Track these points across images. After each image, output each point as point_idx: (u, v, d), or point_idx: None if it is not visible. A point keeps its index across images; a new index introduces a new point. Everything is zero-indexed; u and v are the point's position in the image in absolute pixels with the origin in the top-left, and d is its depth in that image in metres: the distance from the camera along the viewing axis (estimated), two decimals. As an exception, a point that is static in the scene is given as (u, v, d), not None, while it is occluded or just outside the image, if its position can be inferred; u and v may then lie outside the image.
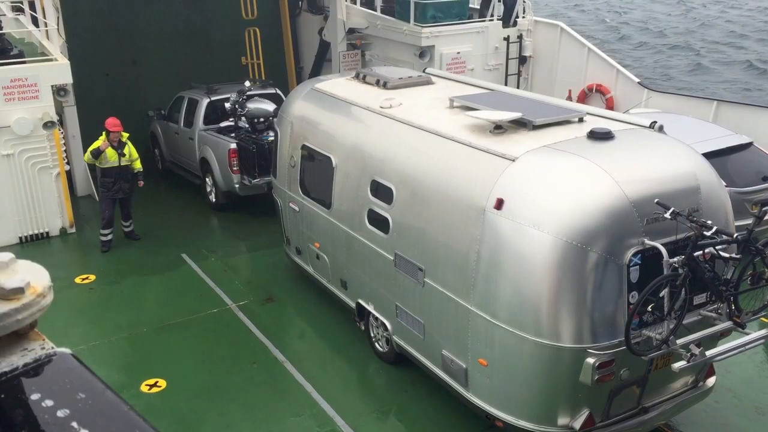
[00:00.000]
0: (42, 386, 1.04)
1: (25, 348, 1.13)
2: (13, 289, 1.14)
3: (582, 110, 8.35)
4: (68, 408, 0.99)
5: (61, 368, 1.09)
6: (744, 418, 8.23)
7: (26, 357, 1.11)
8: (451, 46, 16.31)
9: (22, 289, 1.15)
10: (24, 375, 1.07)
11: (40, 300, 1.16)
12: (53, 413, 0.99)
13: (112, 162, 12.41)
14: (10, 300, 1.14)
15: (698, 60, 36.77)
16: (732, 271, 6.76)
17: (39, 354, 1.11)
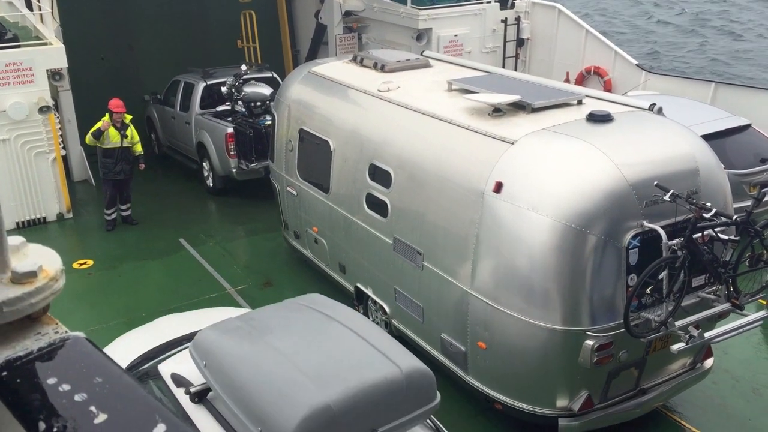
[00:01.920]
0: (58, 370, 1.04)
1: (39, 332, 1.13)
2: (26, 272, 1.14)
3: (581, 93, 8.33)
4: (86, 392, 0.99)
5: (76, 352, 1.08)
6: (741, 398, 8.29)
7: (40, 341, 1.10)
8: (449, 29, 16.24)
9: (35, 272, 1.14)
10: (39, 359, 1.07)
11: (52, 284, 1.15)
12: (71, 397, 0.99)
13: (114, 143, 12.42)
14: (23, 284, 1.13)
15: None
16: (731, 253, 6.79)
17: (53, 338, 1.11)
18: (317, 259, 10.46)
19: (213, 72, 15.43)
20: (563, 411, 6.93)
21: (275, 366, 5.06)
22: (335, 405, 4.67)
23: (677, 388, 7.63)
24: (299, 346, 5.32)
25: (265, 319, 5.79)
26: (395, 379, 4.98)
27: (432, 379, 5.28)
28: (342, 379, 4.90)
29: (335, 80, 10.01)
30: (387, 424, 4.87)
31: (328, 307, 5.92)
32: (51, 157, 12.87)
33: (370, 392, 4.85)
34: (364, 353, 5.24)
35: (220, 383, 5.15)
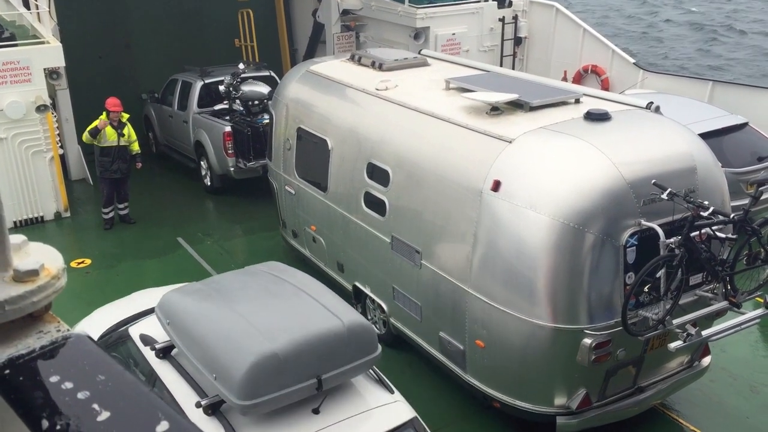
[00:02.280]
0: (60, 368, 1.04)
1: (41, 330, 1.13)
2: (28, 271, 1.14)
3: (578, 91, 8.34)
4: (88, 390, 0.99)
5: (79, 350, 1.09)
6: (739, 396, 8.31)
7: (42, 339, 1.11)
8: (446, 27, 16.24)
9: (37, 271, 1.14)
10: (41, 357, 1.07)
11: (54, 282, 1.16)
12: (73, 395, 0.99)
13: (111, 141, 12.42)
14: (24, 282, 1.13)
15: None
16: (728, 252, 6.80)
17: (55, 336, 1.11)
18: (315, 257, 10.46)
19: (211, 71, 15.41)
20: (561, 409, 6.94)
21: (230, 322, 5.54)
22: (281, 353, 5.18)
23: (675, 386, 7.64)
24: (254, 304, 5.85)
25: (224, 282, 6.37)
26: (338, 332, 5.49)
27: (373, 332, 5.85)
28: (289, 331, 5.40)
29: (333, 79, 10.01)
30: (330, 371, 5.38)
31: (283, 272, 6.47)
32: (48, 156, 12.85)
33: (314, 342, 5.37)
34: (312, 310, 5.75)
35: (181, 339, 5.67)
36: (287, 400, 5.29)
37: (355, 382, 5.82)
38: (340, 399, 5.59)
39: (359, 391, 5.74)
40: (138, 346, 6.20)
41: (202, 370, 5.41)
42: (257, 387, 5.09)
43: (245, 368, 5.07)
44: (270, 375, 5.14)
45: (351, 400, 5.62)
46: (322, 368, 5.36)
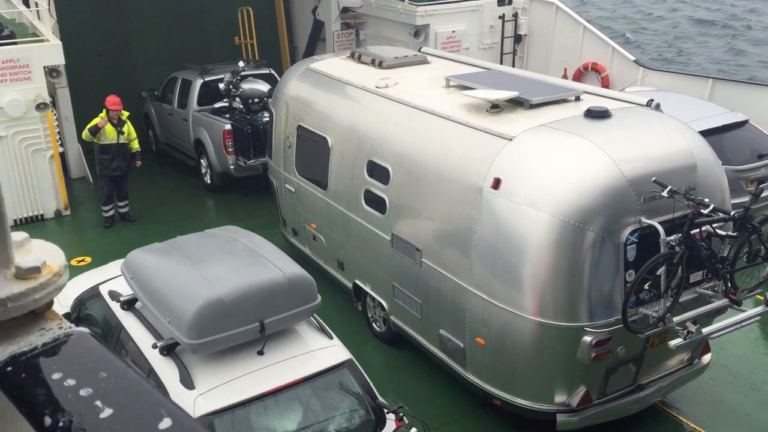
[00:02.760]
0: (62, 365, 1.04)
1: (43, 327, 1.13)
2: (30, 268, 1.14)
3: (579, 89, 8.34)
4: (91, 387, 0.99)
5: (81, 347, 1.09)
6: (739, 394, 8.31)
7: (44, 336, 1.10)
8: (446, 25, 16.22)
9: (39, 268, 1.14)
10: (43, 354, 1.07)
11: (56, 279, 1.16)
12: (76, 392, 0.99)
13: (111, 139, 12.42)
14: (26, 279, 1.13)
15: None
16: (728, 249, 6.80)
17: (57, 333, 1.11)
18: (315, 255, 10.46)
19: (210, 69, 15.39)
20: (561, 407, 6.95)
21: (184, 274, 6.26)
22: (226, 298, 5.85)
23: (675, 384, 7.65)
24: (207, 260, 6.53)
25: (184, 241, 7.09)
26: (279, 282, 6.15)
27: (312, 283, 6.42)
28: (234, 280, 6.08)
29: (333, 77, 10.01)
30: (272, 316, 6.01)
31: (238, 234, 7.22)
32: (48, 154, 12.85)
33: (256, 290, 6.03)
34: (258, 263, 6.44)
35: (142, 291, 6.38)
36: (233, 340, 5.91)
37: (298, 328, 6.45)
38: (284, 343, 6.23)
39: (301, 336, 6.39)
40: (106, 301, 6.95)
41: (159, 316, 6.10)
42: (204, 328, 5.74)
43: (193, 311, 5.73)
44: (216, 317, 5.78)
45: (293, 344, 6.26)
46: (265, 313, 5.98)
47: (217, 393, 5.71)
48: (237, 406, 5.67)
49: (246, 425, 5.73)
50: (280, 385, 5.86)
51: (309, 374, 6.03)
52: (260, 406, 5.79)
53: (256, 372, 5.90)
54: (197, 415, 5.57)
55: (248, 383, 5.81)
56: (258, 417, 5.79)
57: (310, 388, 6.05)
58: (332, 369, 6.16)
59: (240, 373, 5.87)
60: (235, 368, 5.90)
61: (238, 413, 5.68)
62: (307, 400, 6.04)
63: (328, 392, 6.17)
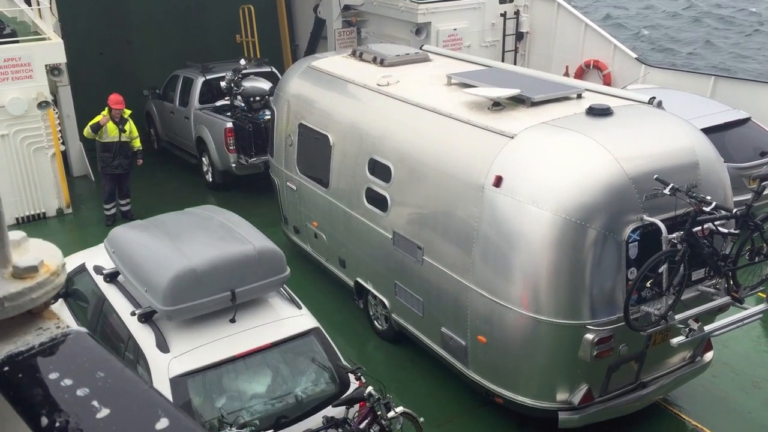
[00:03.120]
0: (60, 365, 1.03)
1: (40, 327, 1.12)
2: (27, 267, 1.13)
3: (580, 86, 8.32)
4: (88, 387, 0.99)
5: (78, 347, 1.08)
6: (741, 392, 8.30)
7: (42, 336, 1.10)
8: (448, 23, 16.20)
9: (36, 267, 1.14)
10: (40, 354, 1.07)
11: (54, 279, 1.15)
12: (73, 392, 0.98)
13: (113, 137, 12.41)
14: (24, 279, 1.13)
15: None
16: (730, 247, 6.78)
17: (54, 333, 1.10)
18: (317, 253, 10.46)
19: (212, 67, 15.38)
20: (563, 404, 6.94)
21: (161, 247, 6.70)
22: (199, 268, 6.30)
23: (677, 382, 7.63)
24: (183, 234, 6.95)
25: (163, 219, 7.57)
26: (249, 254, 6.58)
27: (281, 256, 6.84)
28: (207, 252, 6.53)
29: (334, 75, 10.00)
30: (243, 286, 6.44)
31: (214, 211, 7.75)
32: (50, 152, 12.85)
33: (227, 261, 6.46)
34: (230, 237, 6.88)
35: (123, 263, 6.84)
36: (205, 308, 6.36)
37: (269, 298, 6.89)
38: (255, 312, 6.66)
39: (272, 306, 6.82)
40: (91, 275, 7.40)
41: (137, 286, 6.56)
42: (178, 296, 6.19)
43: (167, 280, 6.19)
44: (189, 286, 6.23)
45: (264, 313, 6.69)
46: (236, 283, 6.41)
47: (189, 356, 6.12)
48: (208, 368, 6.10)
49: (217, 386, 6.12)
50: (250, 349, 6.26)
51: (277, 340, 6.44)
52: (231, 368, 6.20)
53: (228, 338, 6.32)
54: (171, 375, 5.99)
55: (219, 347, 6.22)
56: (229, 379, 6.19)
57: (278, 353, 6.47)
58: (300, 336, 6.57)
59: (212, 338, 6.30)
60: (208, 334, 6.33)
61: (209, 375, 6.09)
62: (275, 364, 6.43)
63: (295, 357, 6.57)
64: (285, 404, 6.25)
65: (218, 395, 6.08)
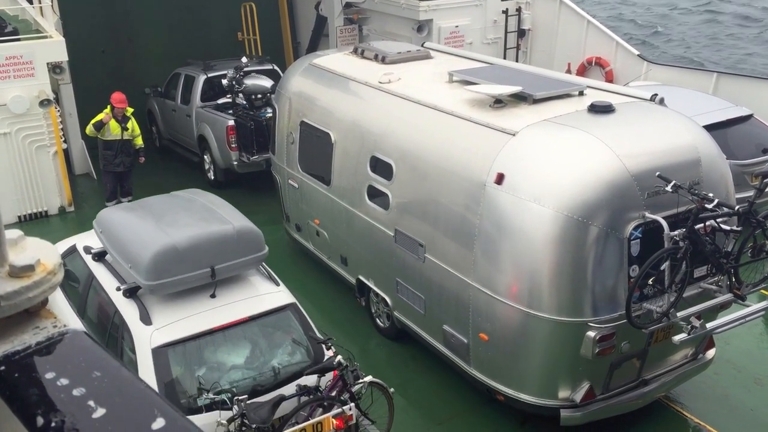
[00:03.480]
0: (56, 365, 1.03)
1: (37, 326, 1.12)
2: (24, 266, 1.13)
3: (582, 83, 8.30)
4: (84, 387, 0.98)
5: (75, 346, 1.07)
6: (743, 389, 8.29)
7: (38, 335, 1.09)
8: (450, 20, 16.17)
9: (33, 266, 1.13)
10: (37, 353, 1.06)
11: (50, 277, 1.15)
12: (69, 392, 0.98)
13: (115, 135, 12.48)
14: (20, 278, 1.12)
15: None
16: (733, 244, 6.77)
17: (51, 332, 1.10)
18: (319, 251, 10.46)
19: (213, 64, 15.37)
20: (565, 402, 6.93)
21: (145, 226, 7.11)
22: (179, 245, 6.69)
23: (679, 379, 7.63)
24: (167, 215, 7.33)
25: (149, 201, 8.01)
26: (228, 233, 6.98)
27: (259, 235, 7.23)
28: (188, 231, 6.91)
29: (336, 72, 9.99)
30: (222, 263, 6.81)
31: (198, 194, 8.15)
32: (52, 150, 12.85)
33: (207, 239, 6.85)
34: (211, 217, 7.28)
35: (110, 242, 7.24)
36: (186, 283, 6.72)
37: (249, 276, 7.25)
38: (234, 288, 7.02)
39: (251, 283, 7.19)
40: (81, 255, 7.79)
41: (122, 263, 6.94)
42: (160, 271, 6.57)
43: (149, 256, 6.57)
44: (170, 262, 6.61)
45: (243, 289, 7.05)
46: (215, 260, 6.79)
47: (171, 328, 6.48)
48: (188, 339, 6.44)
49: (197, 357, 6.46)
50: (228, 322, 6.62)
51: (255, 314, 6.79)
52: (210, 340, 6.54)
53: (208, 311, 6.68)
54: (153, 346, 6.33)
55: (199, 320, 6.58)
56: (208, 350, 6.53)
57: (256, 327, 6.83)
58: (277, 311, 6.95)
59: (193, 312, 6.65)
60: (189, 308, 6.69)
61: (189, 346, 6.44)
62: (253, 337, 6.79)
63: (272, 330, 6.95)
64: (262, 374, 6.57)
65: (198, 365, 6.40)
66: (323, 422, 6.28)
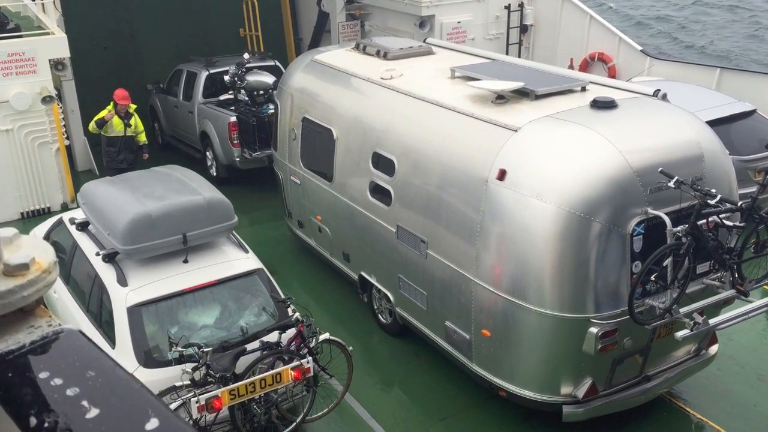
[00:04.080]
0: (50, 364, 1.02)
1: (32, 325, 1.11)
2: (18, 265, 1.12)
3: (585, 79, 8.28)
4: (78, 386, 0.97)
5: (69, 345, 1.07)
6: (746, 385, 8.27)
7: (33, 334, 1.09)
8: (452, 16, 16.14)
9: (27, 265, 1.12)
10: (31, 353, 1.05)
11: (45, 276, 1.14)
12: (62, 392, 0.97)
13: (118, 131, 12.52)
14: (15, 276, 1.11)
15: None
16: (735, 240, 6.75)
17: (46, 331, 1.09)
18: (321, 247, 10.45)
19: (215, 61, 15.35)
20: (567, 398, 6.93)
21: (123, 196, 7.73)
22: (153, 213, 7.29)
23: (682, 375, 7.62)
24: (144, 187, 7.95)
25: (130, 175, 8.78)
26: (199, 203, 7.59)
27: (229, 206, 7.85)
28: (162, 201, 7.51)
29: (338, 68, 9.97)
30: (193, 230, 7.39)
31: (175, 169, 8.76)
32: (54, 147, 12.85)
33: (179, 208, 7.45)
34: (184, 189, 7.91)
35: (91, 212, 7.88)
36: (159, 249, 7.28)
37: (220, 244, 7.82)
38: (206, 254, 7.59)
39: (222, 250, 7.77)
40: (66, 226, 8.41)
41: (101, 230, 7.55)
42: (135, 237, 7.15)
43: (125, 223, 7.18)
44: (144, 228, 7.19)
45: (214, 255, 7.62)
46: (187, 227, 7.36)
47: (145, 289, 7.04)
48: (161, 299, 7.00)
49: (169, 316, 7.01)
50: (199, 284, 7.17)
51: (224, 277, 7.34)
52: (181, 301, 7.10)
53: (180, 275, 7.24)
54: (128, 305, 6.89)
55: (172, 283, 7.14)
56: (180, 311, 7.09)
57: (225, 289, 7.36)
58: (245, 275, 7.50)
59: (166, 275, 7.22)
60: (163, 272, 7.25)
61: (161, 305, 7.00)
62: (222, 299, 7.33)
63: (240, 293, 7.47)
64: (230, 333, 7.08)
65: (170, 324, 6.94)
66: (282, 373, 6.75)
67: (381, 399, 8.23)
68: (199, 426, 6.54)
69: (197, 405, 6.31)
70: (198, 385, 6.47)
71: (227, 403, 6.50)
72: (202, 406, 6.33)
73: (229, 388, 6.47)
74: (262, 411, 6.94)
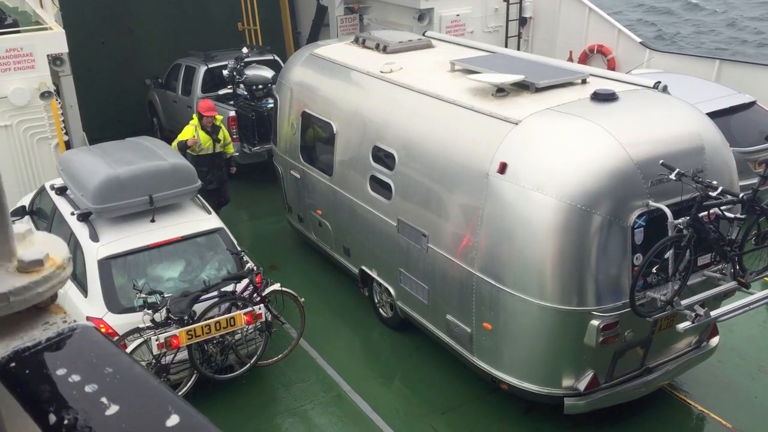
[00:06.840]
0: (67, 361, 1.02)
1: (47, 322, 1.11)
2: (32, 261, 1.11)
3: (585, 71, 8.26)
4: (96, 383, 0.97)
5: (85, 341, 1.06)
6: (747, 376, 8.29)
7: (48, 331, 1.08)
8: (451, 9, 16.09)
9: (41, 261, 1.12)
10: (47, 349, 1.05)
11: (60, 272, 1.13)
12: (81, 388, 0.97)
13: (207, 149, 11.05)
14: (29, 272, 1.11)
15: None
16: (736, 232, 6.76)
17: (61, 327, 1.09)
18: (321, 242, 10.45)
19: (214, 55, 15.32)
20: (569, 390, 6.94)
21: (96, 162, 8.47)
22: (122, 176, 8.09)
23: (683, 367, 7.63)
24: (115, 154, 8.74)
25: (104, 145, 9.36)
26: (164, 168, 8.39)
27: (192, 171, 8.63)
28: (130, 165, 8.33)
29: (337, 62, 9.95)
30: (159, 192, 8.14)
31: (147, 140, 9.57)
32: (53, 142, 12.79)
33: (145, 172, 8.23)
34: (151, 155, 8.73)
35: (68, 177, 8.69)
36: (128, 209, 8.05)
37: (185, 206, 8.56)
38: (172, 215, 8.33)
39: (186, 211, 8.52)
40: (48, 192, 9.28)
41: (75, 192, 8.35)
42: (105, 197, 7.92)
43: (95, 184, 7.96)
44: (113, 189, 7.96)
45: (179, 216, 8.36)
46: (153, 190, 8.10)
47: (114, 244, 7.82)
48: (129, 253, 7.79)
49: (136, 269, 7.77)
50: (164, 240, 7.99)
51: (187, 234, 8.13)
52: (147, 255, 7.88)
53: (147, 232, 8.01)
54: (98, 258, 7.66)
55: (139, 239, 7.93)
56: (146, 264, 7.86)
57: (188, 245, 8.15)
58: (207, 233, 8.28)
59: (134, 233, 7.99)
60: (131, 230, 8.02)
61: (129, 259, 7.78)
62: (186, 254, 8.10)
63: (202, 249, 8.24)
64: (192, 285, 7.81)
65: (138, 276, 7.66)
66: (235, 317, 7.53)
67: (382, 392, 8.24)
68: (161, 364, 7.31)
69: (157, 342, 7.09)
70: (159, 326, 7.23)
71: (185, 342, 7.29)
72: (162, 344, 7.11)
73: (187, 329, 7.26)
74: (218, 351, 7.68)
